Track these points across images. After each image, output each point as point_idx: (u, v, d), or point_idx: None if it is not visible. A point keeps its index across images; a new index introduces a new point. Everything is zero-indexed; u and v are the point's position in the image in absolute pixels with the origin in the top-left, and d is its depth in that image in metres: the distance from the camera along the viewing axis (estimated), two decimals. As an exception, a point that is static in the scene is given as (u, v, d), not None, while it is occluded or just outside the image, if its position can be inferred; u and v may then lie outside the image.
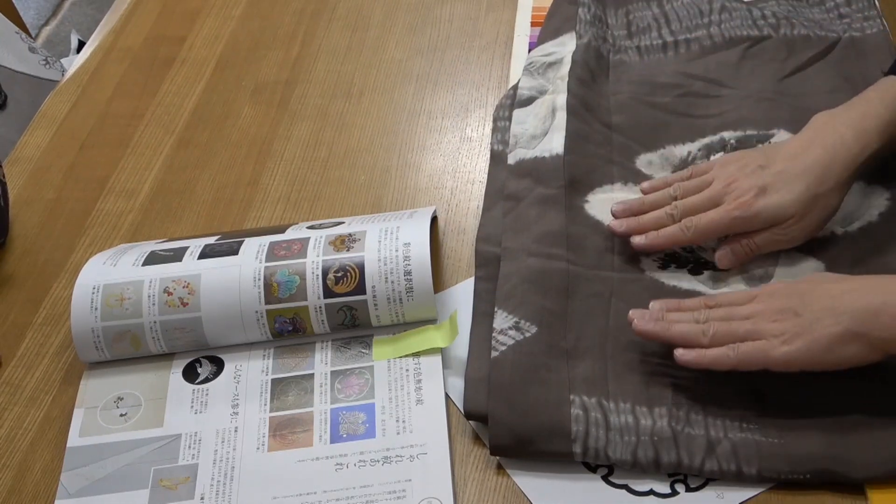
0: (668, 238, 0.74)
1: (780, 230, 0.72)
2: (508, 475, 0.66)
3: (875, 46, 0.91)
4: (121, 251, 0.77)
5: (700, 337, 0.65)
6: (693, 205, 0.74)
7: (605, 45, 0.96)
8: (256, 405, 0.71)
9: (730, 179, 0.74)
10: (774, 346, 0.63)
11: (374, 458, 0.67)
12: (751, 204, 0.72)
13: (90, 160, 0.95)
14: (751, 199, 0.72)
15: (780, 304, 0.65)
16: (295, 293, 0.72)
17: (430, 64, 1.01)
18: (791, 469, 0.62)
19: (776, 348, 0.63)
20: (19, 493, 0.68)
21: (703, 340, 0.65)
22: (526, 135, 0.86)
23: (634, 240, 0.75)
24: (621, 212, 0.77)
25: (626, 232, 0.76)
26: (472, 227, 0.83)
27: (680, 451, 0.64)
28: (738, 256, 0.74)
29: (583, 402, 0.66)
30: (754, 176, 0.73)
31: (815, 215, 0.72)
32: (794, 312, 0.63)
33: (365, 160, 0.91)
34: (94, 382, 0.73)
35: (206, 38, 1.08)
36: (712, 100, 0.89)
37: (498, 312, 0.72)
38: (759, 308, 0.65)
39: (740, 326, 0.65)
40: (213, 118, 0.98)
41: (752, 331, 0.64)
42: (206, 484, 0.67)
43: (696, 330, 0.66)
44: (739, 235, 0.73)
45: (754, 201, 0.72)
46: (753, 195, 0.72)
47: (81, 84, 1.04)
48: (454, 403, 0.70)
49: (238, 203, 0.88)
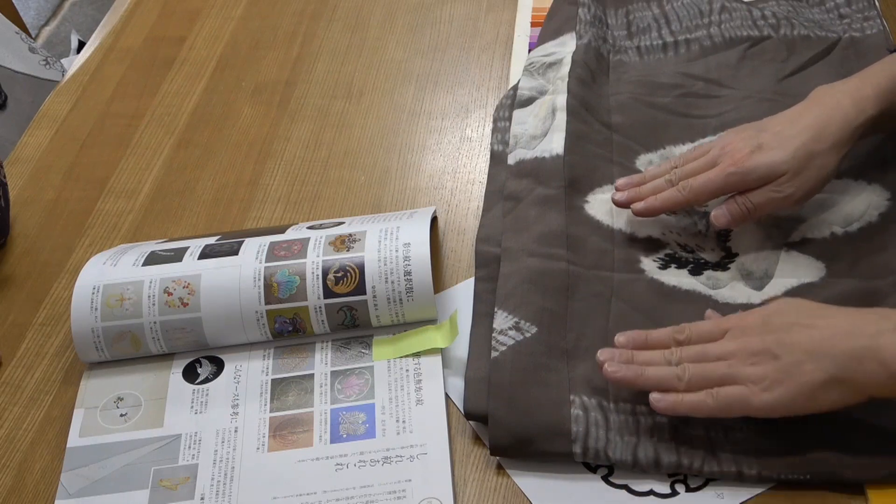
0: (665, 200, 0.74)
1: (775, 187, 0.71)
2: (508, 475, 0.66)
3: (875, 47, 0.91)
4: (121, 251, 0.77)
5: (675, 382, 0.62)
6: (691, 169, 0.75)
7: (605, 45, 0.96)
8: (256, 405, 0.71)
9: (726, 143, 0.74)
10: (755, 393, 0.60)
11: (374, 458, 0.67)
12: (745, 160, 0.72)
13: (90, 160, 0.95)
14: (745, 155, 0.72)
15: (755, 343, 0.62)
16: (295, 293, 0.72)
17: (430, 64, 1.01)
18: (791, 469, 0.62)
19: (757, 396, 0.60)
20: (19, 493, 0.68)
21: (679, 386, 0.62)
22: (526, 135, 0.87)
23: (634, 206, 0.76)
24: (624, 184, 0.78)
25: (627, 200, 0.77)
26: (472, 228, 0.83)
27: (680, 451, 0.64)
28: (735, 215, 0.73)
29: (583, 402, 0.66)
30: (750, 138, 0.73)
31: (812, 174, 0.71)
32: (772, 355, 0.61)
33: (365, 160, 0.91)
34: (94, 382, 0.73)
35: (206, 38, 1.08)
36: (712, 100, 0.89)
37: (498, 313, 0.72)
38: (734, 347, 0.63)
39: (716, 370, 0.62)
40: (213, 118, 0.98)
41: (728, 374, 0.61)
42: (206, 484, 0.67)
43: (671, 375, 0.63)
44: (736, 196, 0.73)
45: (748, 157, 0.72)
46: (748, 152, 0.72)
47: (81, 84, 1.04)
48: (454, 403, 0.70)
49: (238, 203, 0.88)
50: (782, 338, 0.61)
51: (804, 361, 0.60)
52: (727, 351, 0.63)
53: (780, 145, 0.71)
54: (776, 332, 0.62)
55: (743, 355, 0.62)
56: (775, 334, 0.62)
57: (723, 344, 0.64)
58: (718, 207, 0.74)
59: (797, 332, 0.61)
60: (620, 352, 0.65)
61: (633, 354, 0.65)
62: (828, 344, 0.60)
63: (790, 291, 0.73)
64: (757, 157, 0.71)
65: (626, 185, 0.78)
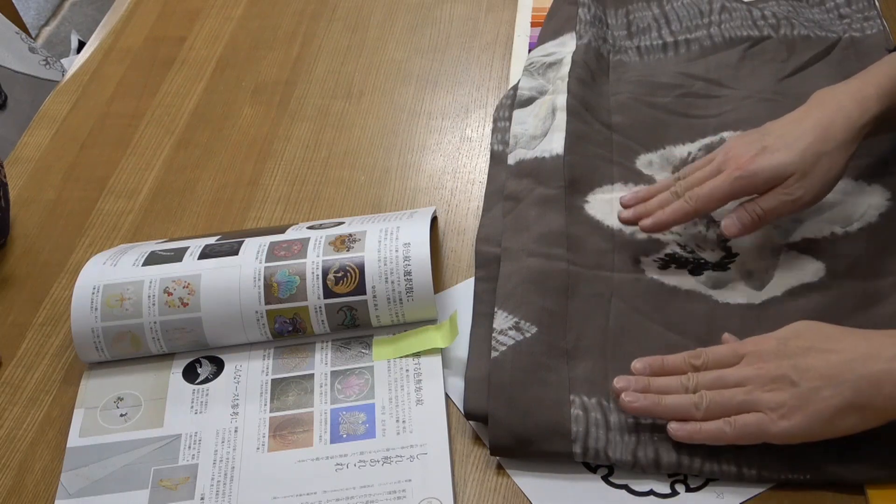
0: (673, 212, 0.73)
1: (784, 190, 0.70)
2: (508, 475, 0.66)
3: (875, 47, 0.91)
4: (121, 251, 0.77)
5: (693, 411, 0.63)
6: (696, 178, 0.74)
7: (605, 45, 0.96)
8: (256, 405, 0.71)
9: (729, 149, 0.73)
10: (773, 420, 0.60)
11: (374, 458, 0.67)
12: (750, 163, 0.70)
13: (90, 160, 0.95)
14: (750, 158, 0.71)
15: (772, 369, 0.62)
16: (295, 293, 0.72)
17: (430, 64, 1.01)
18: (791, 470, 0.62)
19: (775, 423, 0.60)
20: (19, 493, 0.68)
21: (697, 414, 0.62)
22: (526, 135, 0.86)
23: (642, 223, 0.74)
24: (630, 199, 0.77)
25: (635, 217, 0.75)
26: (472, 227, 0.83)
27: (680, 451, 0.64)
28: (745, 224, 0.71)
29: (583, 402, 0.66)
30: (754, 141, 0.72)
31: (819, 174, 0.70)
32: (789, 381, 0.61)
33: (365, 160, 0.91)
34: (94, 382, 0.73)
35: (206, 38, 1.08)
36: (712, 100, 0.89)
37: (498, 313, 0.72)
38: (751, 374, 0.62)
39: (733, 397, 0.62)
40: (213, 118, 0.98)
41: (746, 402, 0.61)
42: (206, 484, 0.67)
43: (688, 403, 0.63)
44: (745, 203, 0.72)
45: (753, 160, 0.70)
46: (753, 155, 0.71)
47: (81, 84, 1.04)
48: (454, 403, 0.70)
49: (238, 203, 0.88)
50: (799, 363, 0.61)
51: (822, 387, 0.60)
52: (744, 377, 0.63)
53: (786, 147, 0.70)
54: (793, 357, 0.62)
55: (760, 381, 0.62)
56: (792, 359, 0.62)
57: (740, 369, 0.63)
58: (728, 217, 0.72)
59: (814, 357, 0.61)
60: (636, 379, 0.65)
61: (649, 381, 0.65)
62: (845, 369, 0.59)
63: (790, 291, 0.73)
64: (762, 159, 0.70)
65: (632, 200, 0.76)
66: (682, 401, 0.63)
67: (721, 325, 0.71)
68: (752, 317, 0.72)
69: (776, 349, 0.63)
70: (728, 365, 0.64)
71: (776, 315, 0.71)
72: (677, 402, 0.63)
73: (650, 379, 0.65)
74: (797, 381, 0.60)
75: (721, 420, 0.62)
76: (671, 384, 0.65)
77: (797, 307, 0.72)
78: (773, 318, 0.71)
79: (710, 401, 0.62)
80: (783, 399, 0.60)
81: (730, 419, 0.62)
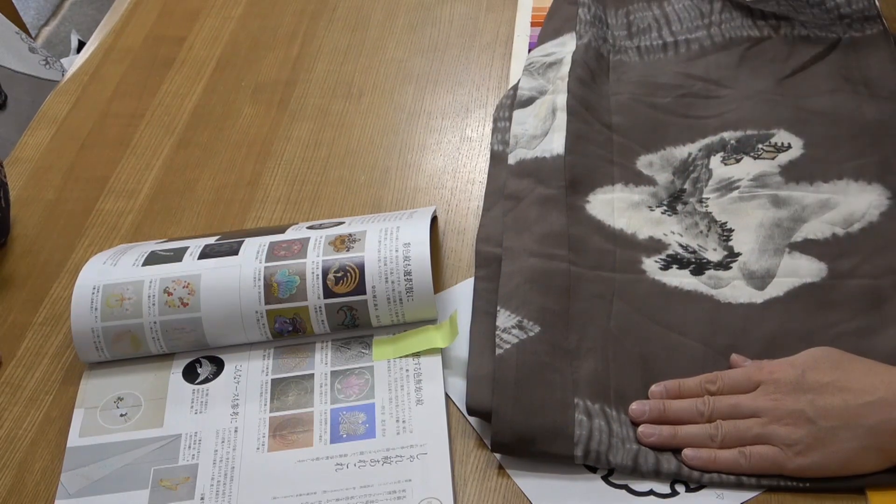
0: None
1: None
2: (508, 475, 0.66)
3: (875, 47, 0.91)
4: (121, 251, 0.77)
5: (709, 442, 0.63)
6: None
7: (605, 45, 0.96)
8: (256, 405, 0.71)
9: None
10: (789, 457, 0.61)
11: (374, 458, 0.67)
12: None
13: (90, 160, 0.95)
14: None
15: (789, 403, 0.62)
16: (295, 293, 0.72)
17: (430, 64, 1.01)
18: (791, 477, 0.62)
19: (791, 460, 0.61)
20: (19, 493, 0.68)
21: (713, 445, 0.63)
22: (526, 135, 0.86)
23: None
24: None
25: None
26: (472, 227, 0.83)
27: (680, 460, 0.64)
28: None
29: (586, 406, 0.66)
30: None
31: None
32: (806, 418, 0.61)
33: (365, 160, 0.91)
34: (94, 382, 0.73)
35: (206, 38, 1.08)
36: (712, 100, 0.89)
37: (501, 311, 0.72)
38: (768, 405, 0.63)
39: (749, 429, 0.63)
40: (213, 118, 0.98)
41: (762, 434, 0.62)
42: (206, 484, 0.66)
43: (704, 434, 0.64)
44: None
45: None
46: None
47: (81, 84, 1.04)
48: (454, 403, 0.70)
49: (238, 203, 0.88)
50: (817, 400, 0.61)
51: (839, 429, 0.60)
52: (760, 407, 0.63)
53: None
54: (810, 392, 0.62)
55: (776, 414, 0.62)
56: (809, 395, 0.62)
57: (756, 398, 0.64)
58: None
59: (831, 396, 0.61)
60: (652, 405, 0.66)
61: (665, 406, 0.66)
62: (864, 412, 0.60)
63: (792, 292, 0.73)
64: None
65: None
66: (698, 431, 0.64)
67: (723, 325, 0.71)
68: (753, 317, 0.72)
69: (794, 381, 0.63)
70: (744, 390, 0.65)
71: (778, 315, 0.71)
72: (693, 432, 0.64)
73: (666, 403, 0.66)
74: (814, 419, 0.61)
75: (737, 450, 0.63)
76: (686, 408, 0.65)
77: (799, 308, 0.71)
78: (775, 318, 0.71)
79: (725, 432, 0.63)
80: (800, 436, 0.61)
81: (745, 450, 0.62)
